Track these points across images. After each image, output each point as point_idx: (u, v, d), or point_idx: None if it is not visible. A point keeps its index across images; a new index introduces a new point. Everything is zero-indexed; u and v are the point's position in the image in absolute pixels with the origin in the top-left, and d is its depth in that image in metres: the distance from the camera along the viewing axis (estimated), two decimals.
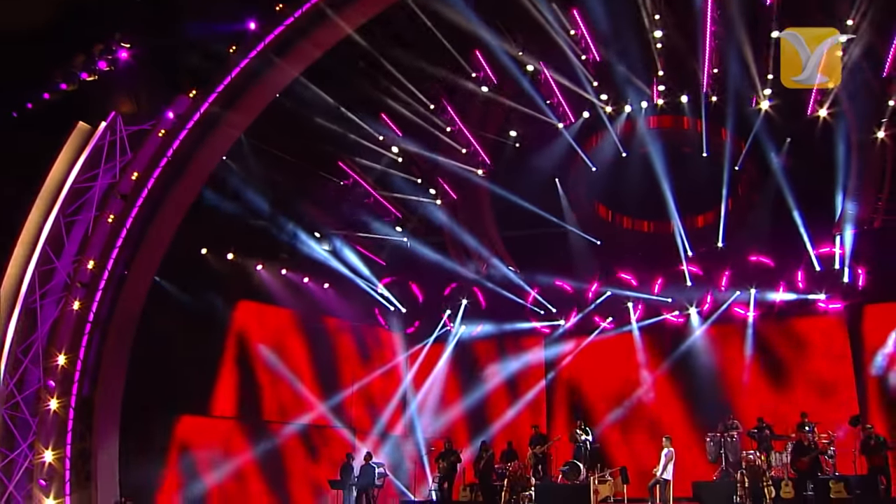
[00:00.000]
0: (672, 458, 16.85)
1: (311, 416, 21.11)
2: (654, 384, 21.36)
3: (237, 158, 19.13)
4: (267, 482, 19.81)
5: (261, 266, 20.95)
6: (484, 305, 23.12)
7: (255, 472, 19.70)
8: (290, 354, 21.14)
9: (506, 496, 17.75)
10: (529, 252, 22.42)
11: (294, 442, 20.57)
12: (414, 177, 22.21)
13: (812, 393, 19.46)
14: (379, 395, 22.46)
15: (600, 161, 21.59)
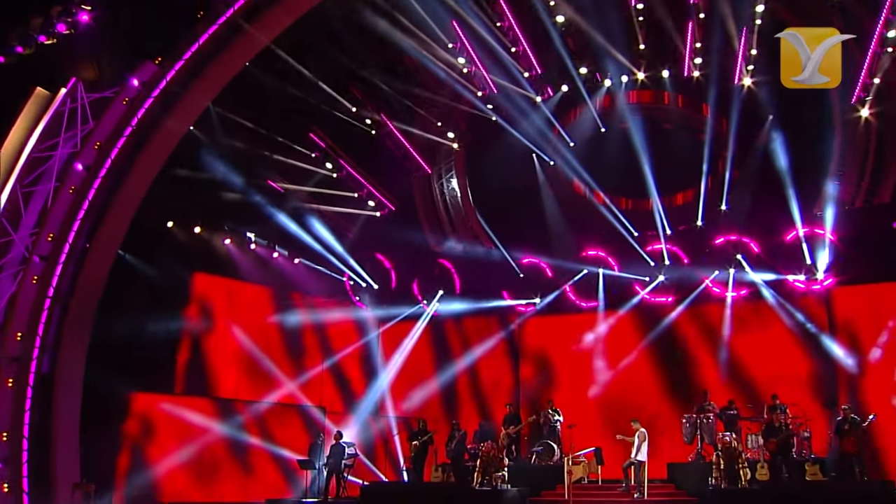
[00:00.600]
0: (645, 438, 16.79)
1: (280, 395, 20.77)
2: (630, 364, 21.20)
3: (205, 129, 18.60)
4: (233, 462, 19.44)
5: (229, 240, 20.51)
6: (458, 282, 22.93)
7: (221, 452, 19.31)
8: (259, 331, 20.75)
9: (478, 477, 17.55)
10: (505, 228, 22.17)
11: (262, 421, 20.18)
12: (388, 149, 21.84)
13: (790, 374, 19.34)
14: (350, 374, 22.17)
15: (579, 136, 21.27)
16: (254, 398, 20.37)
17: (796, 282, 19.80)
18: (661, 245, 20.94)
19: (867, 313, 18.93)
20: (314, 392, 21.39)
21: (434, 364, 23.09)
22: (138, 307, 18.03)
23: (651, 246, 21.25)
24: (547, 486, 17.80)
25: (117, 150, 17.21)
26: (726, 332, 20.32)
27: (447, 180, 22.95)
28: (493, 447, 17.82)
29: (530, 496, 17.46)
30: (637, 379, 21.04)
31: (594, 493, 17.51)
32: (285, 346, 21.21)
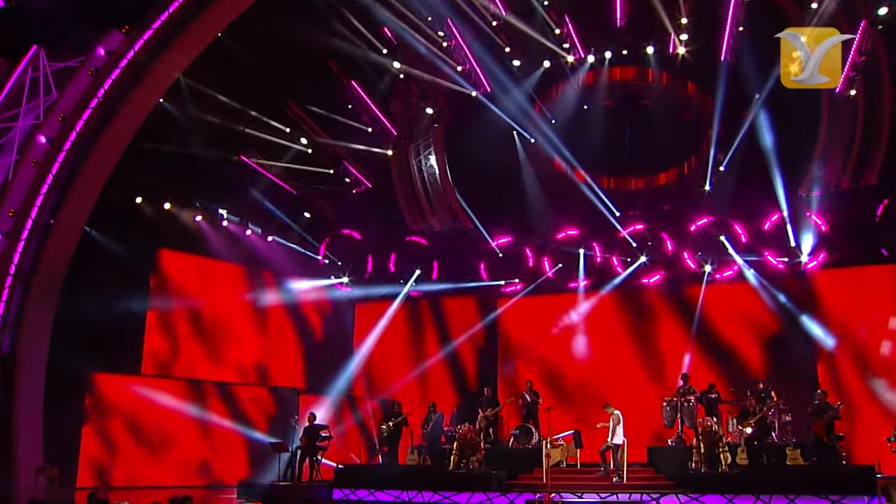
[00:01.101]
0: (619, 420, 16.72)
1: (252, 376, 20.42)
2: (611, 345, 21.11)
3: (175, 101, 18.05)
4: (203, 445, 19.07)
5: (200, 217, 20.05)
6: (436, 261, 22.63)
7: (190, 434, 18.94)
8: (230, 310, 20.37)
9: (455, 460, 17.43)
10: (485, 207, 21.85)
11: (232, 402, 19.82)
12: (364, 125, 21.39)
13: (772, 357, 19.31)
14: (324, 354, 21.84)
15: (560, 114, 20.95)
16: (224, 379, 19.99)
17: (780, 264, 19.69)
18: (644, 225, 20.71)
19: (851, 296, 18.84)
20: (287, 373, 21.04)
21: (410, 344, 22.86)
22: (105, 285, 17.64)
23: (633, 226, 21.02)
24: (524, 470, 17.70)
25: (82, 123, 16.71)
26: (708, 314, 20.18)
27: (425, 157, 22.57)
28: (471, 430, 17.67)
29: (507, 479, 17.28)
30: (618, 361, 20.88)
31: (572, 477, 17.38)
32: (257, 325, 20.79)
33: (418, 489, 16.89)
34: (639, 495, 15.70)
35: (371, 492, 17.26)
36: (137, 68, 16.82)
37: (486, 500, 16.38)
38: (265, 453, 19.05)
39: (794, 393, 17.95)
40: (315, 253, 22.46)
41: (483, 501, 16.37)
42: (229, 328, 20.08)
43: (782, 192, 18.73)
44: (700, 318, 20.17)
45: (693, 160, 20.24)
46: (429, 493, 16.79)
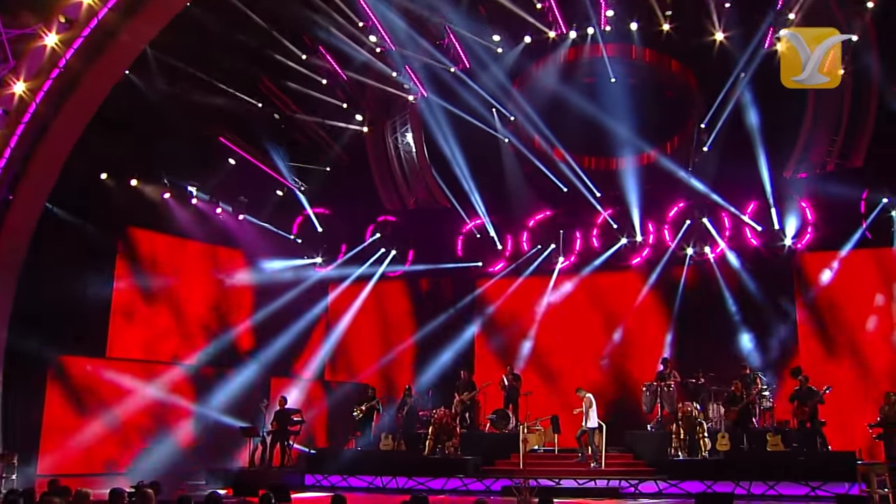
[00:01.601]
0: (592, 404, 16.69)
1: (223, 358, 20.01)
2: (590, 329, 21.00)
3: (143, 74, 17.47)
4: (170, 429, 18.69)
5: (168, 194, 19.53)
6: (411, 241, 22.38)
7: (157, 419, 18.54)
8: (200, 290, 19.94)
9: (430, 445, 17.42)
10: (462, 185, 21.40)
11: (201, 385, 19.43)
12: (339, 101, 20.94)
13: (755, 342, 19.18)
14: (297, 335, 21.37)
15: (540, 91, 20.59)
16: (193, 362, 19.59)
17: (763, 246, 19.62)
18: (624, 205, 20.51)
19: (835, 280, 18.81)
20: (259, 355, 20.62)
21: (386, 326, 22.59)
22: (67, 264, 17.13)
23: (614, 207, 20.85)
24: (501, 455, 17.71)
25: (43, 94, 16.02)
26: (690, 296, 20.08)
27: (402, 134, 22.23)
28: (446, 414, 17.65)
29: (483, 465, 17.33)
30: (598, 345, 20.77)
31: (549, 463, 17.46)
32: (228, 306, 20.44)
33: (392, 475, 16.91)
34: (617, 481, 15.74)
35: (344, 477, 17.30)
36: (102, 37, 16.15)
37: (462, 485, 16.41)
38: (235, 438, 18.75)
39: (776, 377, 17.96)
40: (288, 232, 22.07)
41: (459, 487, 16.39)
42: (198, 309, 19.62)
43: (766, 174, 18.59)
44: (682, 301, 20.07)
45: (676, 140, 20.01)
46: (403, 478, 16.81)
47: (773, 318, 19.12)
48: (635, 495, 15.46)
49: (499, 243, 21.78)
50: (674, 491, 15.36)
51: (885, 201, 18.09)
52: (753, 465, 15.46)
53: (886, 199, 18.08)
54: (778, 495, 14.75)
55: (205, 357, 19.51)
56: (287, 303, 21.21)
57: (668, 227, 20.52)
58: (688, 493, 14.90)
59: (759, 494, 14.84)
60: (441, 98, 20.55)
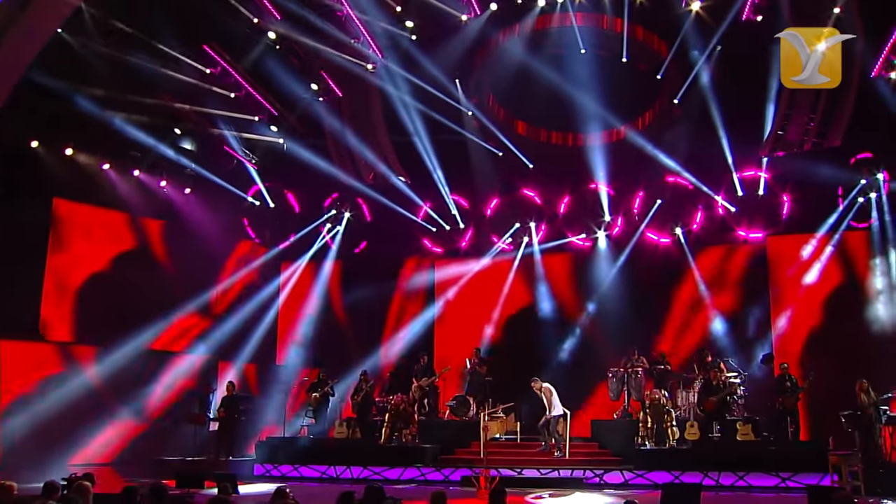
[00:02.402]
0: (552, 392, 16.65)
1: (164, 340, 19.46)
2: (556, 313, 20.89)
3: (77, 33, 16.69)
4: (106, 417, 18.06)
5: (108, 165, 18.84)
6: (369, 219, 22.21)
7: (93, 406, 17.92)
8: (141, 268, 19.27)
9: (386, 433, 17.29)
10: (423, 160, 21.08)
11: (142, 370, 18.79)
12: (294, 69, 20.36)
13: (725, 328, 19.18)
14: (246, 318, 20.94)
15: (507, 62, 20.21)
16: (138, 344, 18.81)
17: (737, 227, 19.60)
18: (593, 184, 20.43)
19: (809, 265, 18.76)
20: (206, 338, 20.16)
21: (341, 308, 22.34)
22: None
23: (583, 185, 20.72)
24: (461, 444, 17.67)
25: None
26: (660, 280, 20.08)
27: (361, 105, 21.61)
28: (404, 400, 17.51)
29: (442, 454, 17.28)
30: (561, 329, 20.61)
31: (511, 452, 17.35)
32: (173, 285, 19.81)
33: (347, 464, 16.78)
34: (581, 471, 15.72)
35: (295, 467, 17.15)
36: None
37: (420, 475, 16.34)
38: (179, 426, 18.37)
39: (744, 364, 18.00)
40: (237, 208, 21.54)
41: (416, 477, 16.31)
42: (140, 288, 19.01)
43: (740, 153, 18.55)
44: (651, 284, 20.09)
45: (647, 116, 19.86)
46: (358, 467, 16.70)
47: (747, 304, 19.09)
48: (600, 486, 15.41)
49: (461, 222, 21.61)
50: (640, 481, 15.36)
51: (864, 182, 18.07)
52: (723, 455, 15.48)
53: (864, 181, 18.06)
54: (747, 486, 14.80)
55: (147, 339, 18.89)
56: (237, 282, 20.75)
57: (637, 206, 20.42)
58: (655, 483, 14.86)
59: (729, 485, 14.87)
60: (401, 68, 20.06)
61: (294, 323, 21.95)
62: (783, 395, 16.20)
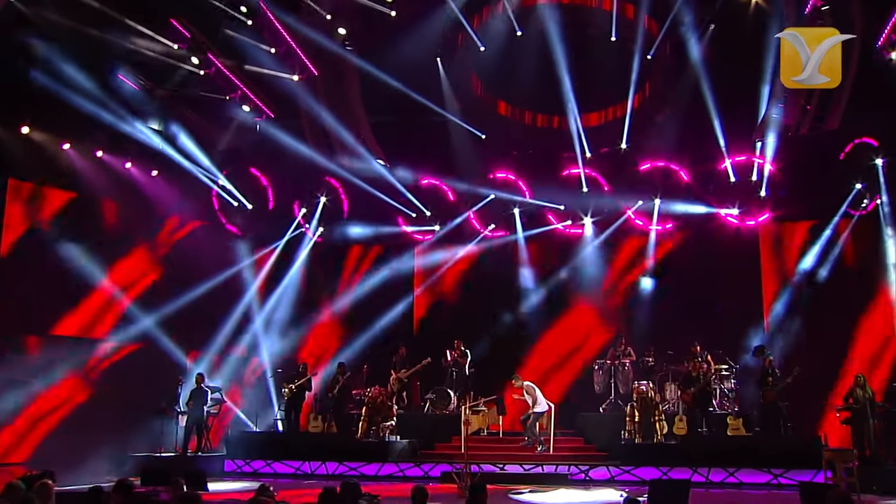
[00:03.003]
0: (534, 389, 16.72)
1: (129, 331, 19.27)
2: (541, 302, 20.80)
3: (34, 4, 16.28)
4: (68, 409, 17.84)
5: (68, 145, 18.47)
6: (346, 204, 21.94)
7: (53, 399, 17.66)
8: (105, 255, 18.95)
9: (363, 427, 17.21)
10: (403, 143, 21.10)
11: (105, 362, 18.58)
12: (267, 45, 20.03)
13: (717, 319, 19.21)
14: (216, 308, 20.70)
15: (490, 40, 20.02)
16: (95, 335, 18.76)
17: (728, 216, 19.58)
18: (579, 169, 20.30)
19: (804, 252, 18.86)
20: (172, 328, 19.85)
21: (318, 297, 22.14)
22: None
23: (567, 170, 20.60)
24: (441, 439, 17.64)
25: None
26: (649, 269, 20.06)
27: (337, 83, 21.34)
28: (382, 393, 17.45)
29: (421, 449, 17.28)
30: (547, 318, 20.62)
31: (494, 447, 17.30)
32: (137, 273, 19.56)
33: (322, 459, 16.71)
34: (566, 467, 15.69)
35: (268, 463, 17.02)
36: None
37: (398, 471, 16.30)
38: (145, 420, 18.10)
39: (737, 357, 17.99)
40: (207, 192, 21.14)
41: (394, 473, 16.26)
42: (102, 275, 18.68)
43: (734, 137, 18.46)
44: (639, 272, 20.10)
45: (637, 98, 19.65)
46: (333, 463, 16.60)
47: (738, 293, 19.10)
48: (585, 482, 15.38)
49: (442, 207, 21.47)
50: (627, 478, 15.34)
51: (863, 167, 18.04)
52: (712, 451, 15.47)
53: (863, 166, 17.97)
54: (738, 483, 14.81)
55: (112, 330, 18.59)
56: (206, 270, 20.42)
57: (625, 191, 20.30)
58: (642, 479, 14.86)
59: (719, 482, 14.87)
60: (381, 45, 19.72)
61: (268, 312, 21.64)
62: (765, 388, 16.19)
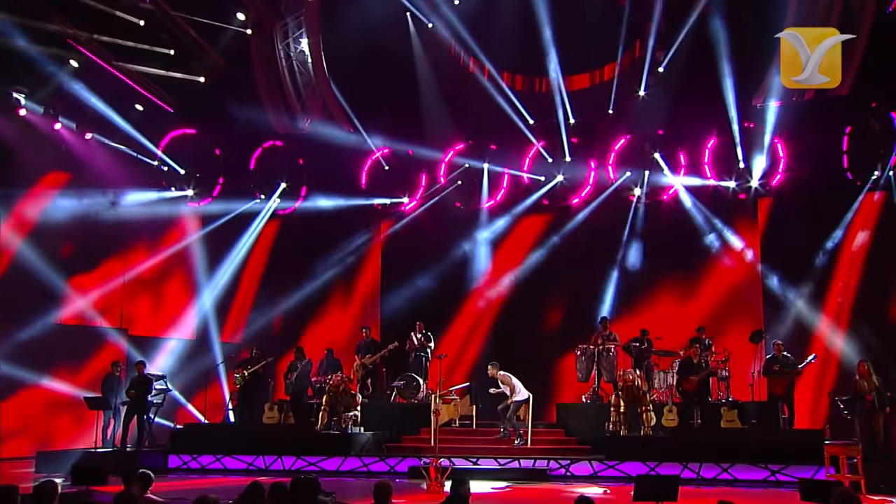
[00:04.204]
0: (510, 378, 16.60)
1: (63, 312, 18.91)
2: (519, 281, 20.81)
3: None
4: None
5: None
6: (306, 172, 21.82)
7: None
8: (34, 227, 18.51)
9: (324, 417, 16.99)
10: (368, 105, 20.84)
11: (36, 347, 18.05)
12: None
13: (711, 300, 19.22)
14: (161, 286, 20.70)
15: None
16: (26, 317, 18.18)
17: (725, 189, 19.54)
18: (562, 136, 20.23)
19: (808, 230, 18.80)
20: (112, 309, 19.64)
21: (274, 275, 22.10)
22: None
23: (549, 137, 20.51)
24: (409, 430, 17.69)
25: None
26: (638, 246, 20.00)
27: (295, 40, 21.09)
28: (344, 381, 17.30)
29: (388, 442, 17.26)
30: (525, 300, 20.68)
31: (466, 439, 17.27)
32: (71, 248, 19.18)
33: (278, 453, 16.60)
34: (545, 461, 15.65)
35: (217, 457, 16.87)
36: None
37: (362, 465, 16.19)
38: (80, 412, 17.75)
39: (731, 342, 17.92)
40: (150, 158, 20.90)
41: (358, 468, 16.17)
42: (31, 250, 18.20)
43: (733, 102, 18.29)
44: (626, 250, 20.01)
45: (626, 59, 19.56)
46: (290, 457, 16.53)
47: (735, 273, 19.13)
48: (566, 478, 15.33)
49: (411, 177, 21.43)
50: (611, 473, 15.29)
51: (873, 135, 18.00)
52: (704, 444, 15.33)
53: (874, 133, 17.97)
54: (732, 479, 14.71)
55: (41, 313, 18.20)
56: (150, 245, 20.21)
57: (612, 162, 20.25)
58: (627, 475, 14.76)
59: (711, 478, 14.78)
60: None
61: (220, 291, 21.52)
62: (772, 377, 16.10)
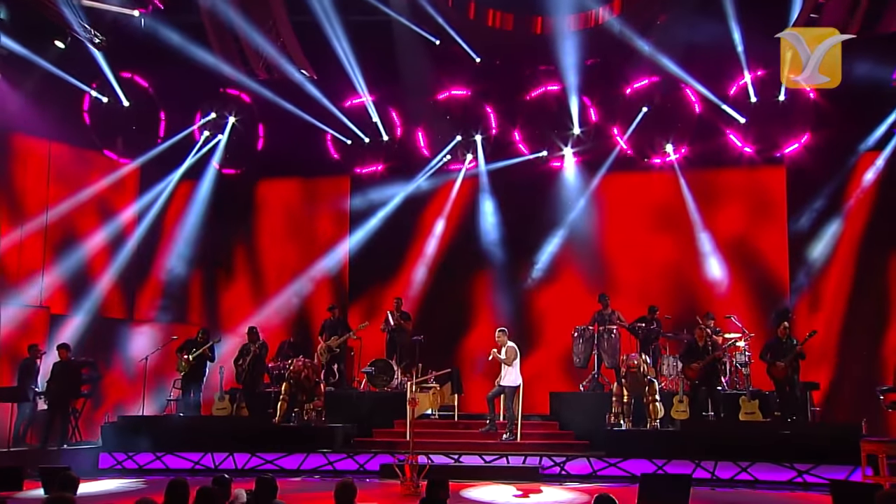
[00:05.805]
0: (516, 355, 16.36)
1: None
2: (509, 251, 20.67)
3: None
4: None
5: None
6: (261, 125, 21.61)
7: None
8: None
9: (283, 409, 16.85)
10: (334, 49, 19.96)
11: None
12: None
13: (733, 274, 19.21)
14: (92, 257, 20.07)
15: None
16: None
17: (748, 146, 19.43)
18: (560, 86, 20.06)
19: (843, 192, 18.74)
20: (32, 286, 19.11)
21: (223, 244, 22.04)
22: None
23: (544, 87, 20.41)
24: (380, 423, 17.53)
25: None
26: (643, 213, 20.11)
27: None
28: (306, 366, 17.10)
29: (357, 436, 17.19)
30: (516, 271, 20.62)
31: (446, 433, 17.20)
32: None
33: (229, 450, 16.59)
34: (537, 458, 15.56)
35: (158, 455, 16.73)
36: None
37: (327, 463, 16.16)
38: None
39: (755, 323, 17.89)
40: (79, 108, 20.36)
41: (322, 465, 16.16)
42: None
43: (757, 45, 17.88)
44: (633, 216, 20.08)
45: None
46: (244, 454, 16.43)
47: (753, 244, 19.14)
48: (560, 477, 15.24)
49: (385, 133, 21.21)
50: (612, 472, 15.27)
51: None
52: (720, 440, 15.27)
53: None
54: (753, 480, 14.65)
55: None
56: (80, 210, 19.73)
57: (618, 115, 20.15)
58: (631, 474, 14.70)
59: (728, 479, 14.74)
60: None
61: (159, 262, 21.27)
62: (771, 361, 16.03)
